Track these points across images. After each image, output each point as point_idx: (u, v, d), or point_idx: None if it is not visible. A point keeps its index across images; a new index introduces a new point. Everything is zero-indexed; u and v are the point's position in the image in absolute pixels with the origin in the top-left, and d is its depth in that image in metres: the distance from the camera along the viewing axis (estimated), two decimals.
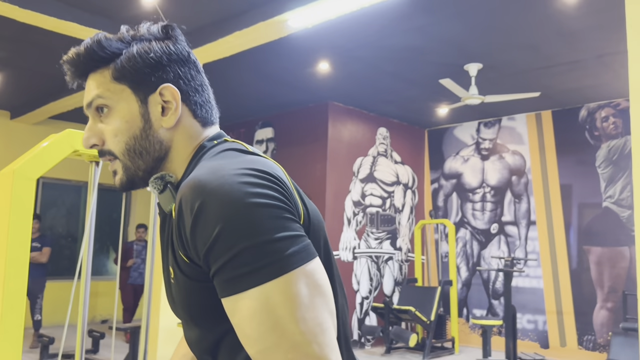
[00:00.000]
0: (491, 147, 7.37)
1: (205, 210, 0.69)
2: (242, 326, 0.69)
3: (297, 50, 5.03)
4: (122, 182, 0.85)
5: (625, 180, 6.19)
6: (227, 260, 0.68)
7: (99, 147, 0.86)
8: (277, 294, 0.67)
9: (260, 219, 0.68)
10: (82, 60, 0.83)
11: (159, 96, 0.83)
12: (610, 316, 6.12)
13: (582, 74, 5.56)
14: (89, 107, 0.84)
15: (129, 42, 0.85)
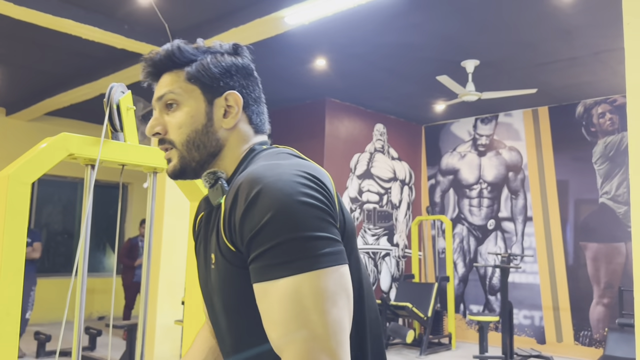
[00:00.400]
0: (488, 143, 7.37)
1: (259, 199, 0.77)
2: (269, 311, 0.76)
3: (294, 47, 5.01)
4: (174, 169, 0.95)
5: (621, 176, 6.20)
6: (268, 248, 0.75)
7: (161, 136, 0.96)
8: (306, 286, 0.74)
9: (305, 217, 0.76)
10: (162, 60, 0.95)
11: (224, 100, 0.95)
12: (607, 312, 6.15)
13: (579, 71, 5.56)
14: (159, 100, 0.95)
15: (203, 52, 0.97)
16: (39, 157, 1.30)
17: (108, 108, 1.46)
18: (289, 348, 0.74)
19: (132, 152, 1.55)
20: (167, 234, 4.79)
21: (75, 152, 1.41)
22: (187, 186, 1.75)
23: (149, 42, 4.83)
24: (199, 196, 1.75)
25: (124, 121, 1.50)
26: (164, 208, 4.81)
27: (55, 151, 1.35)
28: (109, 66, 5.57)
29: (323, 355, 0.72)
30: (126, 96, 1.53)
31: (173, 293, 4.73)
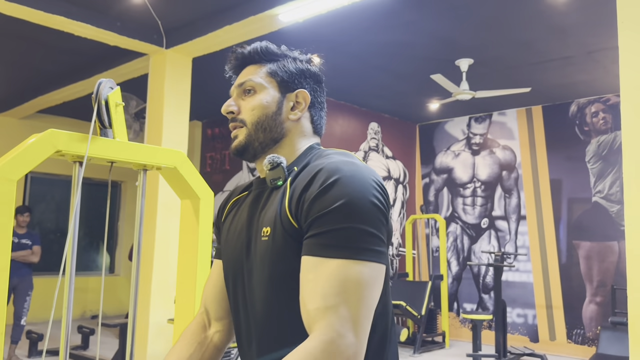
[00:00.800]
0: (482, 142, 7.38)
1: (334, 187, 0.88)
2: (314, 282, 0.84)
3: (288, 44, 4.94)
4: (239, 144, 1.06)
5: (614, 175, 6.22)
6: (331, 230, 0.85)
7: (234, 115, 1.08)
8: (354, 272, 0.83)
9: (368, 214, 0.87)
10: (249, 54, 1.11)
11: (294, 96, 1.09)
12: (599, 310, 6.17)
13: (572, 70, 5.57)
14: (240, 86, 1.09)
15: (285, 55, 1.13)
16: (25, 153, 1.28)
17: (96, 104, 1.44)
18: (323, 319, 0.82)
19: (121, 149, 1.53)
20: (159, 233, 4.76)
21: (63, 148, 1.38)
22: (178, 184, 1.74)
23: (141, 40, 4.80)
24: (189, 194, 1.74)
25: (113, 117, 1.48)
26: (157, 206, 4.78)
27: (43, 147, 1.33)
28: (101, 64, 5.54)
29: (350, 335, 0.81)
30: (115, 92, 1.51)
31: (165, 292, 4.71)
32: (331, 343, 0.80)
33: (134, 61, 5.28)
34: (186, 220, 1.74)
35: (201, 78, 5.86)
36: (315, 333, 0.82)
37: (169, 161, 1.64)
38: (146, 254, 4.74)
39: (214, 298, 1.18)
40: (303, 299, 0.86)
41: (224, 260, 1.12)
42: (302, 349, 0.81)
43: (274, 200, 0.99)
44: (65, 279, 1.48)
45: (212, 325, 1.18)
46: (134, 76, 5.63)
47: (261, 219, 1.00)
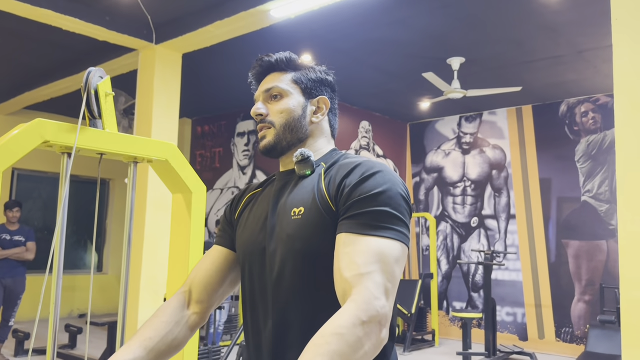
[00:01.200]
0: (472, 141, 7.39)
1: (375, 176, 1.03)
2: (351, 254, 0.95)
3: (279, 41, 4.96)
4: (268, 143, 1.18)
5: (603, 174, 6.26)
6: (370, 211, 0.99)
7: (262, 117, 1.19)
8: (387, 247, 0.97)
9: (401, 203, 1.02)
10: (274, 63, 1.22)
11: (316, 101, 1.22)
12: (588, 309, 6.21)
13: (563, 69, 5.59)
14: (267, 91, 1.20)
15: (306, 65, 1.25)
16: (11, 143, 1.24)
17: (85, 93, 1.41)
18: (359, 283, 0.91)
19: (111, 140, 1.49)
20: (149, 228, 4.71)
21: (51, 138, 1.34)
22: (170, 178, 1.70)
23: (131, 35, 4.75)
24: (181, 188, 1.70)
25: (103, 107, 1.44)
26: (146, 201, 4.72)
27: (29, 137, 1.29)
28: (89, 59, 5.47)
29: (383, 298, 0.91)
30: (105, 81, 1.48)
31: (155, 289, 4.66)
32: (368, 302, 0.89)
33: (123, 56, 5.22)
34: (178, 215, 1.71)
35: (191, 75, 5.81)
36: (352, 296, 0.90)
37: (160, 153, 1.61)
38: (135, 250, 4.68)
39: (201, 281, 1.24)
40: (339, 269, 0.96)
41: (240, 246, 1.20)
42: (342, 310, 0.89)
43: (304, 186, 1.12)
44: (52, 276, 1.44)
45: (191, 306, 1.23)
46: (122, 72, 5.57)
47: (289, 202, 1.12)
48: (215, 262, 1.24)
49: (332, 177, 1.09)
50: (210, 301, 1.24)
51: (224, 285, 1.25)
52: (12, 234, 5.46)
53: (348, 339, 0.84)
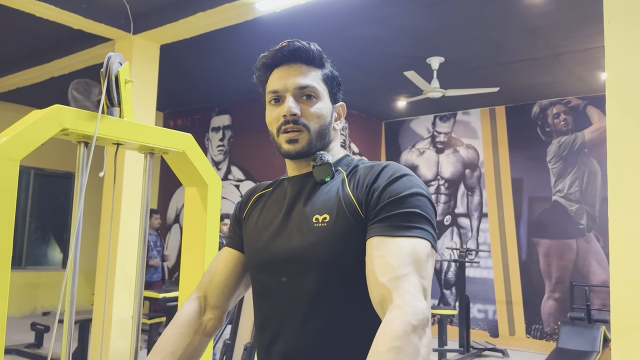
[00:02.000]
0: (446, 141, 7.47)
1: (403, 179, 1.01)
2: (384, 258, 0.92)
3: (261, 35, 4.89)
4: (302, 148, 1.09)
5: (574, 175, 6.41)
6: (400, 212, 0.96)
7: (297, 118, 1.08)
8: (420, 248, 0.94)
9: (429, 205, 1.00)
10: (310, 52, 1.10)
11: (339, 107, 1.17)
12: (557, 306, 6.36)
13: (538, 71, 5.70)
14: (302, 89, 1.09)
15: (329, 61, 1.15)
16: (29, 131, 1.16)
17: (106, 79, 1.33)
18: (398, 286, 0.88)
19: (130, 130, 1.41)
20: (124, 225, 4.58)
21: (70, 126, 1.26)
22: (185, 170, 1.63)
23: (108, 24, 4.59)
24: (196, 181, 1.63)
25: (122, 95, 1.37)
26: (122, 197, 4.59)
27: (48, 125, 1.20)
28: (63, 48, 5.28)
29: (423, 298, 0.88)
30: (124, 67, 1.40)
31: (130, 287, 4.53)
32: (413, 306, 0.86)
33: (98, 46, 5.06)
34: (192, 209, 1.63)
35: (168, 66, 5.67)
36: (394, 301, 0.87)
37: (177, 144, 1.54)
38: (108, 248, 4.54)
39: (217, 286, 1.19)
40: (374, 273, 0.92)
41: (250, 252, 1.14)
42: (389, 319, 0.85)
43: (326, 192, 1.07)
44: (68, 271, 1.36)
45: (207, 312, 1.18)
46: (97, 62, 5.39)
47: (309, 208, 1.06)
48: (229, 266, 1.19)
49: (358, 182, 1.05)
50: (227, 305, 1.20)
51: (240, 287, 1.21)
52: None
53: (406, 350, 0.82)
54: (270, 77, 1.12)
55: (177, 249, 7.72)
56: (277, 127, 1.10)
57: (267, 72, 1.13)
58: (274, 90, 1.10)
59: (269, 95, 1.12)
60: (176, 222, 7.81)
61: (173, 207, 7.83)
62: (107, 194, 4.56)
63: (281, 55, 1.10)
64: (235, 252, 1.20)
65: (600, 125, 6.30)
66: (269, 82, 1.13)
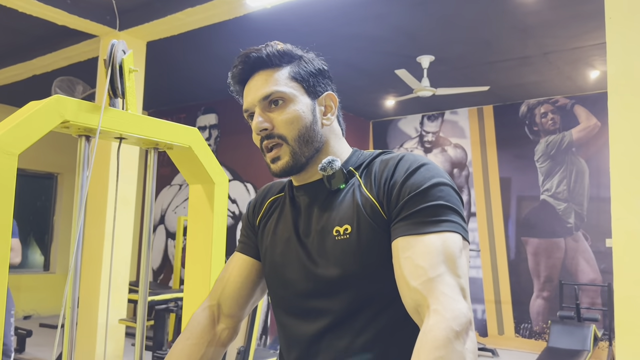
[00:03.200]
0: (434, 140, 7.46)
1: (422, 170, 0.92)
2: (414, 258, 0.85)
3: (251, 32, 4.81)
4: (287, 165, 0.99)
5: (562, 174, 6.44)
6: (425, 207, 0.88)
7: (268, 132, 0.99)
8: (451, 242, 0.86)
9: (454, 195, 0.91)
10: (261, 58, 1.00)
11: (324, 99, 1.04)
12: (546, 305, 6.37)
13: (527, 70, 5.70)
14: (265, 99, 0.99)
15: (298, 54, 1.04)
16: (27, 123, 1.07)
17: (110, 68, 1.25)
18: (434, 290, 0.81)
19: (134, 123, 1.32)
20: (109, 225, 4.46)
21: (71, 118, 1.17)
22: (190, 167, 1.54)
23: (93, 20, 4.48)
24: (202, 178, 1.55)
25: (127, 86, 1.29)
26: (107, 197, 4.47)
27: (47, 117, 1.12)
28: (46, 44, 5.14)
29: (461, 299, 0.81)
30: (129, 56, 1.32)
31: (116, 290, 4.42)
32: (452, 309, 0.79)
33: (83, 43, 4.93)
34: (197, 208, 1.55)
35: (153, 64, 5.56)
36: (432, 306, 0.80)
37: (183, 139, 1.45)
38: (95, 248, 4.42)
39: (231, 294, 1.11)
40: (404, 277, 0.85)
41: (268, 265, 1.07)
42: (428, 326, 0.79)
43: (341, 199, 0.98)
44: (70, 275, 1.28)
45: (222, 321, 1.12)
46: (81, 59, 5.26)
47: (327, 220, 0.98)
48: (243, 273, 1.11)
49: (374, 181, 0.96)
50: (242, 314, 1.13)
51: (255, 295, 1.14)
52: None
53: (451, 358, 0.75)
54: (243, 95, 1.05)
55: (162, 251, 7.59)
56: (260, 147, 1.03)
57: (240, 89, 1.06)
58: (245, 109, 1.03)
59: (244, 115, 1.05)
60: (161, 223, 7.68)
61: (158, 207, 7.70)
62: (94, 192, 4.44)
63: (242, 70, 1.03)
64: (250, 259, 1.12)
65: (587, 124, 6.34)
66: (243, 101, 1.06)
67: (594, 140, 6.26)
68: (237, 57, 1.03)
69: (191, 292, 1.52)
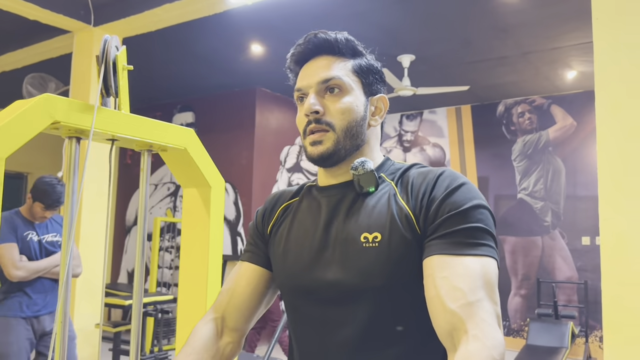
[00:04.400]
0: (413, 139, 7.47)
1: (463, 189, 0.90)
2: (452, 279, 0.82)
3: (231, 29, 4.72)
4: (327, 151, 0.96)
5: (538, 173, 6.51)
6: (464, 228, 0.86)
7: (319, 116, 0.97)
8: (489, 267, 0.85)
9: (490, 218, 0.90)
10: (337, 42, 1.01)
11: (376, 100, 1.03)
12: (524, 303, 6.44)
13: (505, 70, 5.74)
14: (325, 82, 0.98)
15: (365, 51, 1.06)
16: (15, 124, 0.98)
17: (103, 65, 1.16)
18: (474, 314, 0.78)
19: (128, 123, 1.24)
20: (85, 229, 4.33)
21: (62, 119, 1.09)
22: (185, 169, 1.47)
23: (67, 15, 4.33)
24: (198, 182, 1.47)
25: (120, 84, 1.21)
26: (82, 200, 4.34)
27: (37, 117, 1.03)
28: (16, 40, 4.96)
29: (498, 327, 0.80)
30: (122, 52, 1.24)
31: (92, 293, 4.29)
32: (492, 338, 0.78)
33: (55, 39, 4.77)
34: (191, 212, 1.47)
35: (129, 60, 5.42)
36: (471, 331, 0.78)
37: (178, 141, 1.37)
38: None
39: (237, 306, 1.05)
40: (439, 299, 0.82)
41: (281, 274, 1.02)
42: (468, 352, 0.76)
43: (373, 205, 0.94)
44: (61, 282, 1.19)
45: (225, 335, 1.05)
46: (52, 56, 5.10)
47: (354, 225, 0.93)
48: (251, 284, 1.05)
49: (412, 192, 0.93)
50: (246, 328, 1.07)
51: (261, 307, 1.08)
52: (44, 231, 3.03)
53: None
54: (299, 74, 1.03)
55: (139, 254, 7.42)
56: (303, 128, 0.99)
57: (297, 70, 1.04)
58: (297, 89, 1.01)
59: (295, 94, 1.03)
60: (136, 225, 7.51)
61: (133, 208, 7.53)
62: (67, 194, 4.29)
63: (305, 49, 1.02)
64: (259, 269, 1.06)
65: (564, 124, 6.42)
66: (297, 80, 1.03)
67: (570, 139, 6.34)
68: (305, 36, 1.02)
69: (186, 302, 1.44)
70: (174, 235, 7.00)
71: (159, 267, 6.96)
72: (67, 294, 1.20)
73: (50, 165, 7.72)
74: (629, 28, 2.43)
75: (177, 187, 7.10)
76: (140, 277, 1.37)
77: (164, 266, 7.00)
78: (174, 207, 7.09)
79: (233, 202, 6.47)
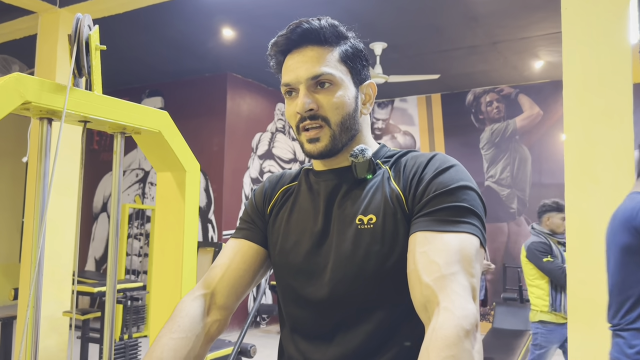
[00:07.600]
0: (384, 127, 7.52)
1: (452, 171, 0.92)
2: (430, 254, 0.84)
3: (202, 12, 4.65)
4: (325, 148, 0.97)
5: (505, 161, 6.64)
6: (448, 206, 0.88)
7: (313, 112, 0.96)
8: (468, 244, 0.85)
9: (478, 199, 0.91)
10: (322, 30, 0.96)
11: (365, 87, 1.02)
12: (490, 287, 6.59)
13: (475, 59, 5.81)
14: (314, 79, 0.95)
15: (349, 35, 1.02)
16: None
17: (76, 44, 1.12)
18: (446, 287, 0.80)
19: (101, 105, 1.21)
20: (51, 213, 4.22)
21: (33, 99, 1.05)
22: (159, 153, 1.44)
23: None
24: (172, 166, 1.44)
25: (92, 64, 1.17)
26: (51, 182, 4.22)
27: (6, 97, 0.99)
28: None
29: (471, 300, 0.80)
30: (95, 32, 1.20)
31: (59, 280, 4.21)
32: (463, 308, 0.78)
33: (19, 19, 4.61)
34: (166, 198, 1.44)
35: None
36: (442, 303, 0.79)
37: (152, 123, 1.34)
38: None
39: (229, 283, 1.03)
40: (417, 271, 0.84)
41: (281, 258, 1.03)
42: (439, 323, 0.77)
43: (368, 189, 0.97)
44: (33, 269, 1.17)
45: (213, 313, 1.02)
46: (17, 37, 4.93)
47: (350, 208, 0.97)
48: (247, 261, 1.04)
49: (403, 175, 0.95)
50: (234, 306, 1.05)
51: (251, 286, 1.07)
52: None
53: (461, 358, 0.73)
54: (284, 65, 1.00)
55: (105, 240, 7.31)
56: (296, 124, 0.99)
57: (281, 59, 1.01)
58: (286, 83, 0.99)
59: (283, 88, 1.00)
60: (104, 211, 7.38)
61: (100, 194, 7.39)
62: (32, 177, 4.19)
63: (289, 40, 0.98)
64: (256, 247, 1.05)
65: (531, 113, 6.55)
66: (282, 73, 1.00)
67: (537, 128, 6.48)
68: (288, 26, 0.98)
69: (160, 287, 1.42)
70: (142, 222, 6.90)
71: (127, 254, 6.86)
72: (39, 277, 1.17)
73: (15, 150, 7.51)
74: (597, 18, 2.49)
75: (145, 173, 6.99)
76: (113, 263, 1.35)
77: (132, 253, 6.90)
78: (142, 193, 6.98)
79: (204, 189, 6.41)
